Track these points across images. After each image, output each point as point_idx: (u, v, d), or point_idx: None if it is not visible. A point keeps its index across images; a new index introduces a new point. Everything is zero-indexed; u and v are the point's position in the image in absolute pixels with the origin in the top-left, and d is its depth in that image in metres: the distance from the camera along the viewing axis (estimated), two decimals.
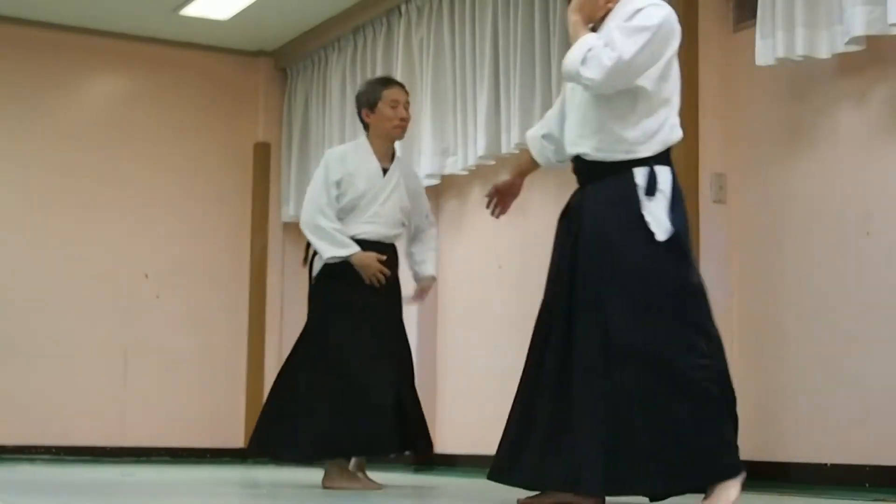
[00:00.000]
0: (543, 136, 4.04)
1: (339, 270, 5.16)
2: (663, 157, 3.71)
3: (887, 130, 4.92)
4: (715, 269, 5.52)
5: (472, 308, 7.11)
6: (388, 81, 5.40)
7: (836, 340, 5.05)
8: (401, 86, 5.36)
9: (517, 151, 6.25)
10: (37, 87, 8.38)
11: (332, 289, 5.20)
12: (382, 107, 5.22)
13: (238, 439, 8.47)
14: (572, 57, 3.66)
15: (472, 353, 7.04)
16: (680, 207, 3.69)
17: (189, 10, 8.12)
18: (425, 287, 5.48)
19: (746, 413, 5.38)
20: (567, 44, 3.83)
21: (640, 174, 3.66)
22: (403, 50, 7.49)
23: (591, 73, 3.60)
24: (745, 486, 3.60)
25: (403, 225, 5.36)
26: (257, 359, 8.66)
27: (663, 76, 3.68)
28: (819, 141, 5.23)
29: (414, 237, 5.47)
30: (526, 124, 6.00)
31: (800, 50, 5.01)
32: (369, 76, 7.74)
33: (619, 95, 3.67)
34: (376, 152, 5.27)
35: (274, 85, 9.02)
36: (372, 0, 7.80)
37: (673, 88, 3.74)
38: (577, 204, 3.81)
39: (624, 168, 3.67)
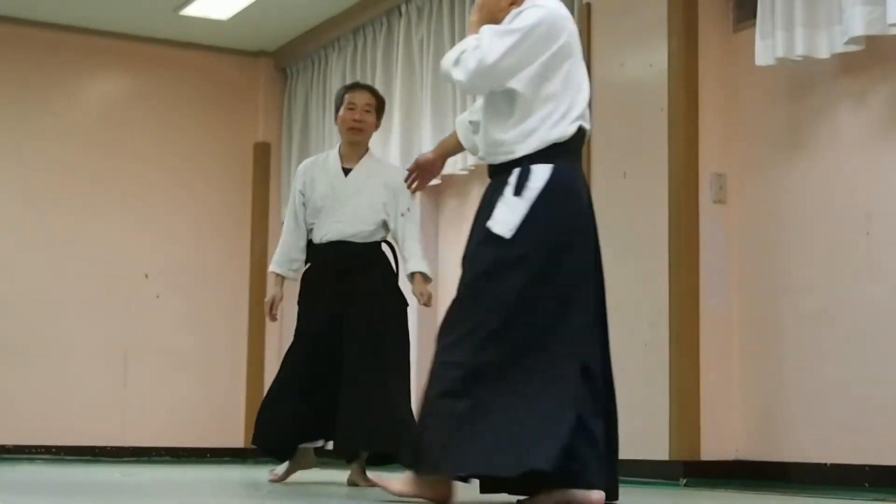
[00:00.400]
0: (471, 122, 3.98)
1: (309, 273, 5.48)
2: (544, 155, 3.57)
3: (887, 130, 4.92)
4: (715, 269, 5.53)
5: None
6: (351, 86, 5.60)
7: (835, 340, 5.04)
8: (367, 90, 5.51)
9: None
10: (37, 87, 8.38)
11: (302, 289, 5.49)
12: (342, 110, 5.40)
13: (238, 439, 8.47)
14: (448, 57, 3.66)
15: None
16: (550, 207, 3.54)
17: (189, 10, 8.12)
18: (416, 290, 5.32)
19: (747, 413, 5.42)
20: None
21: (514, 174, 3.58)
22: (403, 50, 7.49)
23: (459, 74, 3.60)
24: (745, 487, 3.59)
25: (386, 225, 5.37)
26: (257, 359, 8.67)
27: (542, 76, 3.57)
28: (819, 141, 5.23)
29: (395, 238, 5.43)
30: None
31: (799, 50, 5.01)
32: (369, 76, 7.75)
33: (498, 99, 3.62)
34: (343, 155, 5.44)
35: (274, 85, 9.02)
36: (372, 0, 7.80)
37: (561, 86, 3.60)
38: None
39: (505, 169, 3.61)
